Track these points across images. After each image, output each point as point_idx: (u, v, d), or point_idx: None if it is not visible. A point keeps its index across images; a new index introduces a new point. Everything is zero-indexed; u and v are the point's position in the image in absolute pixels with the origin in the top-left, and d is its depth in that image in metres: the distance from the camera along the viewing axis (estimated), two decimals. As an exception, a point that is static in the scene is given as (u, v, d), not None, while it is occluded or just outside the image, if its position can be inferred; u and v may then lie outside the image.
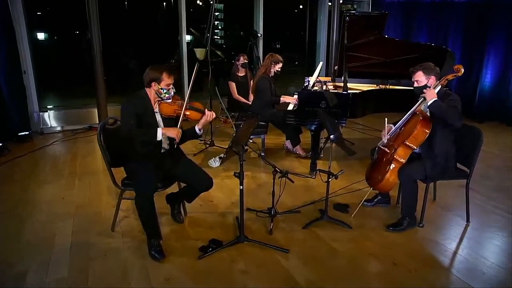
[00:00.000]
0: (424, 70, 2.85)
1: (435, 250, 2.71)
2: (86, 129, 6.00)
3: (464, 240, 2.87)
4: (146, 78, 2.64)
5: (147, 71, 2.65)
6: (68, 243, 2.77)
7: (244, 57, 5.44)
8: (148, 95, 2.68)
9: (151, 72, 2.63)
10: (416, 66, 2.92)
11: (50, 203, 3.43)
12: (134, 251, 2.66)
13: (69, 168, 4.34)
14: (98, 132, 2.71)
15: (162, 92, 2.64)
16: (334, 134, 2.85)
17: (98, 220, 3.10)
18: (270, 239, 2.83)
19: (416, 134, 2.77)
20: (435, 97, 2.71)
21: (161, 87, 2.63)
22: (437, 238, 2.88)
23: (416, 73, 2.89)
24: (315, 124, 3.97)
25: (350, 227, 3.00)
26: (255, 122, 2.82)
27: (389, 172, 2.85)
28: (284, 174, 2.94)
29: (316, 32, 8.09)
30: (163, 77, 2.61)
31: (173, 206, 3.07)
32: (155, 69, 2.64)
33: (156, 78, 2.61)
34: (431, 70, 2.85)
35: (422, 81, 2.87)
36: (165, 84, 2.63)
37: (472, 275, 2.43)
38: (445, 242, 2.81)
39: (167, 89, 2.65)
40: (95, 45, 5.44)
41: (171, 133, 2.63)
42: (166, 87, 2.64)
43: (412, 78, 2.94)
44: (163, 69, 2.63)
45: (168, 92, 2.66)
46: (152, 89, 2.65)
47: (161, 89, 2.63)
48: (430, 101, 2.72)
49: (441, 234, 2.94)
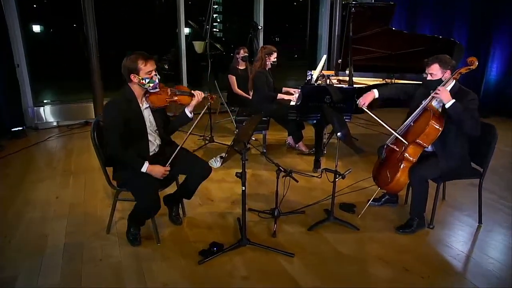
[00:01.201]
0: (440, 63, 2.67)
1: (447, 254, 2.58)
2: (82, 124, 5.83)
3: (477, 242, 2.74)
4: (124, 72, 2.37)
5: (123, 64, 2.36)
6: (61, 245, 2.63)
7: (244, 50, 5.27)
8: (133, 92, 2.44)
9: (126, 64, 2.35)
10: (431, 57, 2.74)
11: (44, 202, 3.28)
12: (130, 255, 2.52)
13: (64, 165, 4.19)
14: (91, 130, 2.56)
15: (145, 83, 2.37)
16: (342, 132, 2.70)
17: (93, 221, 2.95)
18: (274, 242, 2.69)
19: (428, 131, 2.62)
20: (451, 99, 2.55)
21: (141, 77, 2.35)
22: (448, 240, 2.74)
23: (431, 66, 2.70)
24: (319, 120, 3.81)
25: (357, 229, 2.86)
26: (258, 119, 2.67)
27: (399, 172, 2.70)
28: (288, 173, 2.79)
29: (318, 24, 7.90)
30: (139, 66, 2.32)
31: (171, 208, 2.92)
32: (129, 60, 2.34)
33: (133, 69, 2.33)
34: (448, 63, 2.67)
35: (437, 74, 2.69)
36: (145, 73, 2.34)
37: (488, 282, 2.30)
38: (457, 245, 2.68)
39: (149, 77, 2.36)
40: (90, 38, 5.26)
41: (156, 173, 2.43)
42: (147, 75, 2.36)
43: (426, 70, 2.76)
44: (136, 57, 2.33)
45: (152, 81, 2.38)
46: (134, 82, 2.38)
47: (143, 80, 2.35)
48: (448, 103, 2.55)
49: (453, 236, 2.80)
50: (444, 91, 2.57)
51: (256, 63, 4.42)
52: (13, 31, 5.15)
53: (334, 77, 4.70)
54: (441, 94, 2.57)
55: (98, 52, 5.37)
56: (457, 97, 2.65)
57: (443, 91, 2.57)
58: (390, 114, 3.78)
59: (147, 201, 2.42)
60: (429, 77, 2.74)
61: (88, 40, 5.27)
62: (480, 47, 6.74)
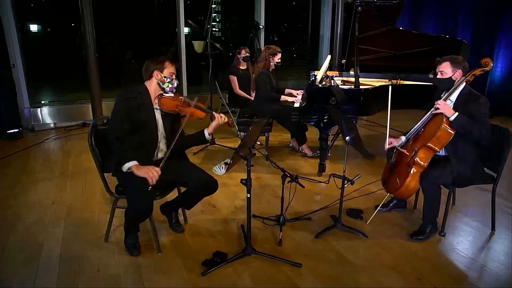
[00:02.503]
0: (452, 61, 2.60)
1: (461, 263, 2.47)
2: (80, 125, 5.71)
3: (491, 251, 2.63)
4: (147, 69, 2.45)
5: (147, 63, 2.47)
6: (57, 253, 2.51)
7: (245, 50, 5.17)
8: (148, 90, 2.46)
9: (152, 61, 2.46)
10: (444, 56, 2.66)
11: (40, 207, 3.16)
12: (129, 265, 2.40)
13: (61, 168, 4.07)
14: (88, 134, 2.44)
15: (165, 81, 2.44)
16: (350, 136, 2.59)
17: (90, 228, 2.83)
18: (280, 250, 2.58)
19: (439, 135, 2.51)
20: (454, 112, 2.47)
21: (164, 75, 2.43)
22: (461, 248, 2.63)
23: (442, 63, 2.63)
24: (324, 122, 3.70)
25: (366, 236, 2.75)
26: (263, 123, 2.55)
27: (409, 177, 2.59)
28: (294, 178, 2.67)
29: (319, 23, 7.78)
30: (165, 64, 2.44)
31: (170, 216, 2.80)
32: (156, 59, 2.47)
33: (158, 67, 2.43)
34: (460, 63, 2.59)
35: (447, 73, 2.61)
36: (169, 73, 2.45)
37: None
38: (470, 253, 2.57)
39: (171, 78, 2.46)
40: (88, 37, 5.13)
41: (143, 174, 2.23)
42: (170, 75, 2.46)
43: (437, 68, 2.67)
44: (165, 58, 2.48)
45: (172, 82, 2.46)
46: (153, 79, 2.45)
47: (165, 77, 2.44)
48: (452, 116, 2.47)
49: (466, 244, 2.70)
50: (444, 105, 2.50)
51: (259, 64, 4.31)
52: (8, 31, 5.03)
53: (338, 77, 4.58)
54: (442, 109, 2.50)
55: (96, 51, 5.25)
56: (466, 100, 2.56)
57: (443, 106, 2.50)
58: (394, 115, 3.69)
59: (137, 202, 2.29)
60: (439, 75, 2.67)
61: (86, 40, 5.14)
62: (485, 46, 6.64)
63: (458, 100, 2.61)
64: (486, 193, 3.18)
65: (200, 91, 6.93)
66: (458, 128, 2.47)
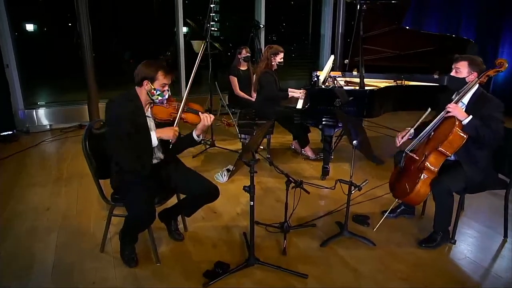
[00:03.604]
0: (470, 62, 2.47)
1: (475, 274, 2.36)
2: (76, 127, 5.58)
3: (505, 259, 2.51)
4: (138, 75, 2.23)
5: (139, 67, 2.24)
6: (50, 265, 2.38)
7: (246, 49, 5.04)
8: (139, 96, 2.27)
9: (145, 68, 2.22)
10: (464, 55, 2.54)
11: (34, 213, 3.04)
12: (126, 277, 2.28)
13: (56, 173, 3.93)
14: (82, 139, 2.32)
15: (154, 94, 2.23)
16: (357, 139, 2.48)
17: (86, 237, 2.71)
18: (284, 260, 2.46)
19: (451, 139, 2.40)
20: (466, 115, 2.37)
21: (154, 87, 2.22)
22: (473, 257, 2.52)
23: (460, 62, 2.50)
24: (329, 125, 3.58)
25: (374, 244, 2.63)
26: (268, 126, 2.44)
27: (419, 182, 2.48)
28: (298, 184, 2.55)
29: (320, 23, 7.66)
30: (158, 75, 2.21)
31: (169, 224, 2.67)
32: (150, 65, 2.23)
33: (149, 76, 2.21)
34: (478, 65, 2.47)
35: (462, 72, 2.49)
36: (160, 84, 2.23)
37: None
38: (483, 263, 2.46)
39: (161, 91, 2.24)
40: (84, 36, 4.99)
41: (167, 135, 2.25)
42: (161, 88, 2.23)
43: (453, 65, 2.55)
44: (159, 67, 2.22)
45: (162, 95, 2.25)
46: (143, 88, 2.24)
47: (154, 90, 2.22)
48: (465, 120, 2.36)
49: (477, 252, 2.58)
50: (455, 108, 2.40)
51: (261, 64, 4.19)
52: (1, 31, 4.90)
53: (342, 78, 4.47)
54: (453, 112, 2.40)
55: (92, 51, 5.11)
56: (479, 103, 2.45)
57: (454, 109, 2.39)
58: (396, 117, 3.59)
59: (139, 210, 2.16)
60: (453, 72, 2.54)
61: (82, 39, 5.00)
62: (488, 45, 6.54)
63: (471, 102, 2.50)
64: (497, 198, 3.07)
65: (199, 92, 6.79)
66: (471, 132, 2.36)
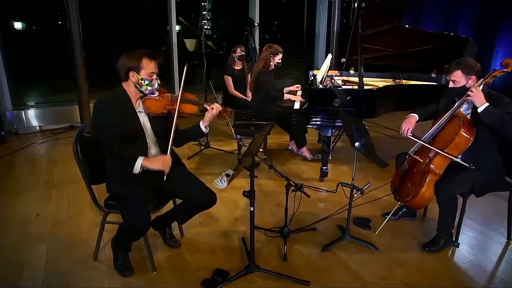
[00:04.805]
0: (463, 69, 2.37)
1: (482, 278, 2.30)
2: (66, 128, 5.42)
3: (510, 262, 2.46)
4: (122, 69, 2.06)
5: (121, 60, 2.05)
6: (40, 275, 2.27)
7: (241, 48, 4.94)
8: (127, 92, 2.11)
9: (127, 59, 2.04)
10: (453, 63, 2.44)
11: (22, 221, 2.91)
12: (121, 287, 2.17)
13: (46, 176, 3.80)
14: (73, 143, 2.21)
15: (143, 84, 2.05)
16: (360, 142, 2.40)
17: (78, 244, 2.59)
18: (285, 266, 2.38)
19: (457, 141, 2.33)
20: (485, 102, 2.26)
21: (141, 77, 2.04)
22: (477, 260, 2.47)
23: (453, 73, 2.41)
24: (328, 125, 3.50)
25: (377, 248, 2.56)
26: (269, 129, 2.35)
27: (424, 186, 2.41)
28: (298, 188, 2.46)
29: (315, 21, 7.59)
30: (142, 63, 2.02)
31: (163, 231, 2.57)
32: (131, 55, 2.04)
33: (133, 66, 2.03)
34: (472, 68, 2.37)
35: (460, 82, 2.40)
36: (147, 73, 2.04)
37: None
38: (488, 266, 2.41)
39: (149, 80, 2.06)
40: (74, 35, 4.84)
41: (157, 165, 2.09)
42: (148, 77, 2.05)
43: (447, 77, 2.47)
44: (141, 54, 2.03)
45: (151, 84, 2.07)
46: (130, 81, 2.07)
47: (142, 80, 2.04)
48: (481, 107, 2.26)
49: (482, 255, 2.53)
50: (478, 92, 2.28)
51: (259, 63, 4.09)
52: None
53: (339, 77, 4.40)
54: (474, 96, 2.27)
55: (83, 50, 4.96)
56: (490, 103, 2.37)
57: (477, 93, 2.27)
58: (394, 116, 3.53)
59: (135, 218, 2.06)
60: (451, 84, 2.45)
61: (72, 37, 4.85)
62: (485, 44, 6.52)
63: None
64: (497, 199, 3.03)
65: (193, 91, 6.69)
66: (488, 119, 2.24)
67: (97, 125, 2.08)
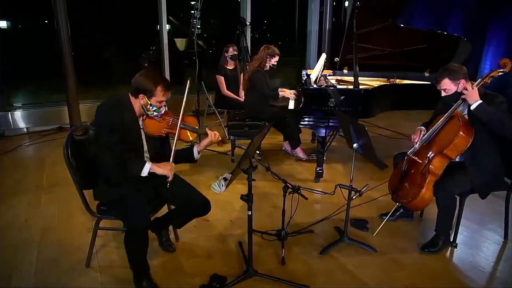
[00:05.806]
0: (450, 76, 2.35)
1: (482, 279, 2.29)
2: (55, 130, 5.29)
3: (508, 262, 2.46)
4: (135, 86, 2.04)
5: (137, 78, 2.04)
6: (30, 285, 2.19)
7: (233, 47, 4.88)
8: (133, 105, 2.09)
9: (143, 80, 2.03)
10: (438, 72, 2.42)
11: (10, 228, 2.81)
12: (115, 296, 2.11)
13: (35, 180, 3.69)
14: (64, 146, 2.13)
15: (150, 109, 2.06)
16: (358, 143, 2.37)
17: (69, 251, 2.51)
18: (283, 270, 2.33)
19: (457, 142, 2.31)
20: (479, 99, 2.25)
21: (150, 102, 2.03)
22: (477, 261, 2.46)
23: (441, 82, 2.38)
24: (323, 126, 3.47)
25: (375, 250, 2.54)
26: (267, 131, 2.30)
27: (424, 187, 2.39)
28: (296, 190, 2.42)
29: (307, 19, 7.54)
30: (156, 91, 2.02)
31: (160, 234, 2.51)
32: (149, 78, 2.03)
33: (147, 90, 2.02)
34: (458, 72, 2.35)
35: (450, 89, 2.37)
36: (157, 101, 2.05)
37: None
38: (487, 267, 2.41)
39: (158, 107, 2.07)
40: (62, 34, 4.71)
41: (163, 171, 2.07)
42: (157, 103, 2.06)
43: (437, 86, 2.44)
44: (158, 81, 2.03)
45: (158, 110, 2.09)
46: (138, 100, 2.06)
47: (150, 105, 2.05)
48: (474, 104, 2.25)
49: (480, 256, 2.52)
50: (473, 90, 2.27)
51: (254, 62, 4.03)
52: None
53: (333, 76, 4.37)
54: (467, 94, 2.27)
55: (71, 48, 4.83)
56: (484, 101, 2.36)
57: (472, 91, 2.26)
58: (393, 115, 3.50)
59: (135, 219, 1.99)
60: (443, 93, 2.43)
61: (60, 36, 4.72)
62: (474, 44, 6.56)
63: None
64: (494, 198, 3.01)
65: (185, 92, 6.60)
66: (482, 116, 2.24)
67: (102, 128, 2.03)
